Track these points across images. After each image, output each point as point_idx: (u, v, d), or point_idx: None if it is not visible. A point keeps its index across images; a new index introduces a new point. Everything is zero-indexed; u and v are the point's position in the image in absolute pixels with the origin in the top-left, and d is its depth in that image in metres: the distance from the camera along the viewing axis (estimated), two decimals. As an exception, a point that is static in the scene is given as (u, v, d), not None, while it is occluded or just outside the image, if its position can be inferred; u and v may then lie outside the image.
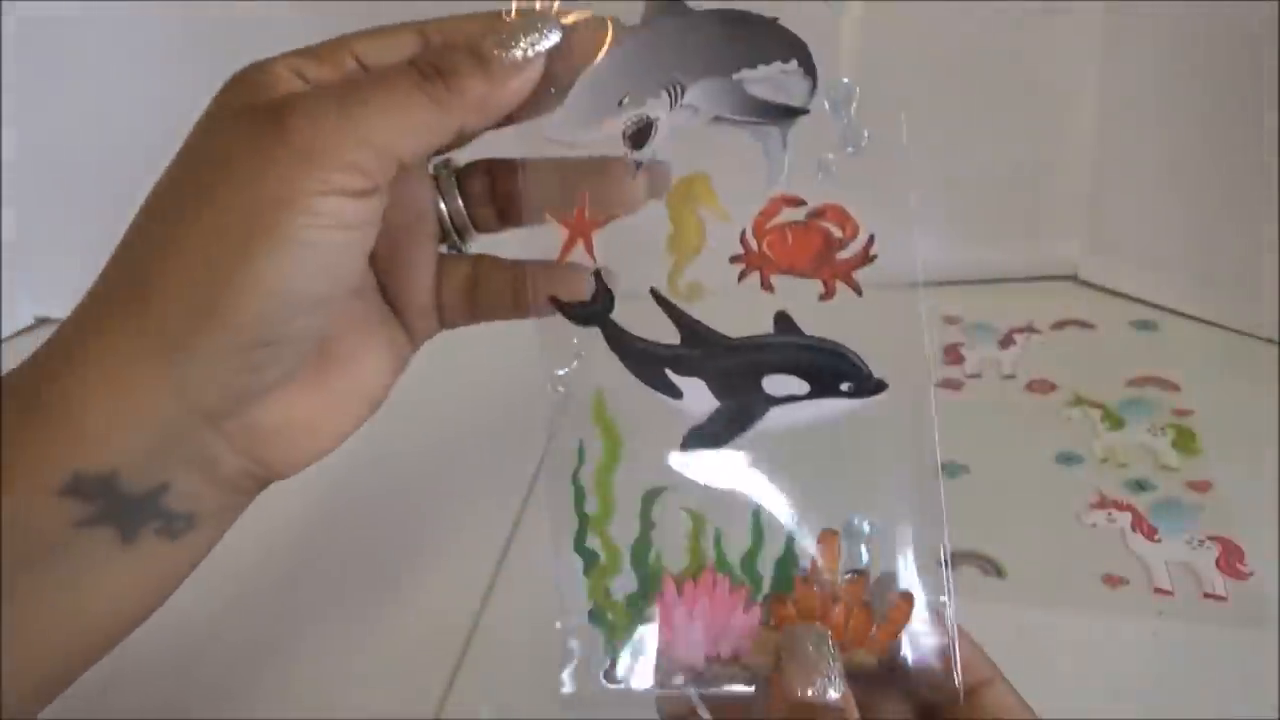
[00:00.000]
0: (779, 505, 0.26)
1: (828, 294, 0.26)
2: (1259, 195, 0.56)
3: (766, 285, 0.25)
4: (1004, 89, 0.61)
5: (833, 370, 0.26)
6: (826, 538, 0.26)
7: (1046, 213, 0.65)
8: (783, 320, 0.26)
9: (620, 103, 0.23)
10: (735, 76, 0.24)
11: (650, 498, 0.27)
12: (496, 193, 0.30)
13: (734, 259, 0.25)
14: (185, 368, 0.24)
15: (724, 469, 0.26)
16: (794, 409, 0.26)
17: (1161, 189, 0.61)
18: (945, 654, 0.26)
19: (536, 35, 0.24)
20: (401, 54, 0.26)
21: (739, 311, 0.26)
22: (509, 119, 0.25)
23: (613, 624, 0.27)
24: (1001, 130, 0.63)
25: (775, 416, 0.26)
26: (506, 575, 0.48)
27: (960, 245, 0.67)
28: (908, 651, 0.26)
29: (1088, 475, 0.50)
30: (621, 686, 0.26)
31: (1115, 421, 0.53)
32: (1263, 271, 0.57)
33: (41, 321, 0.76)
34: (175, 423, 0.25)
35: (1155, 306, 0.63)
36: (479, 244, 0.30)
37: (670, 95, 0.24)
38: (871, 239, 0.25)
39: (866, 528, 0.27)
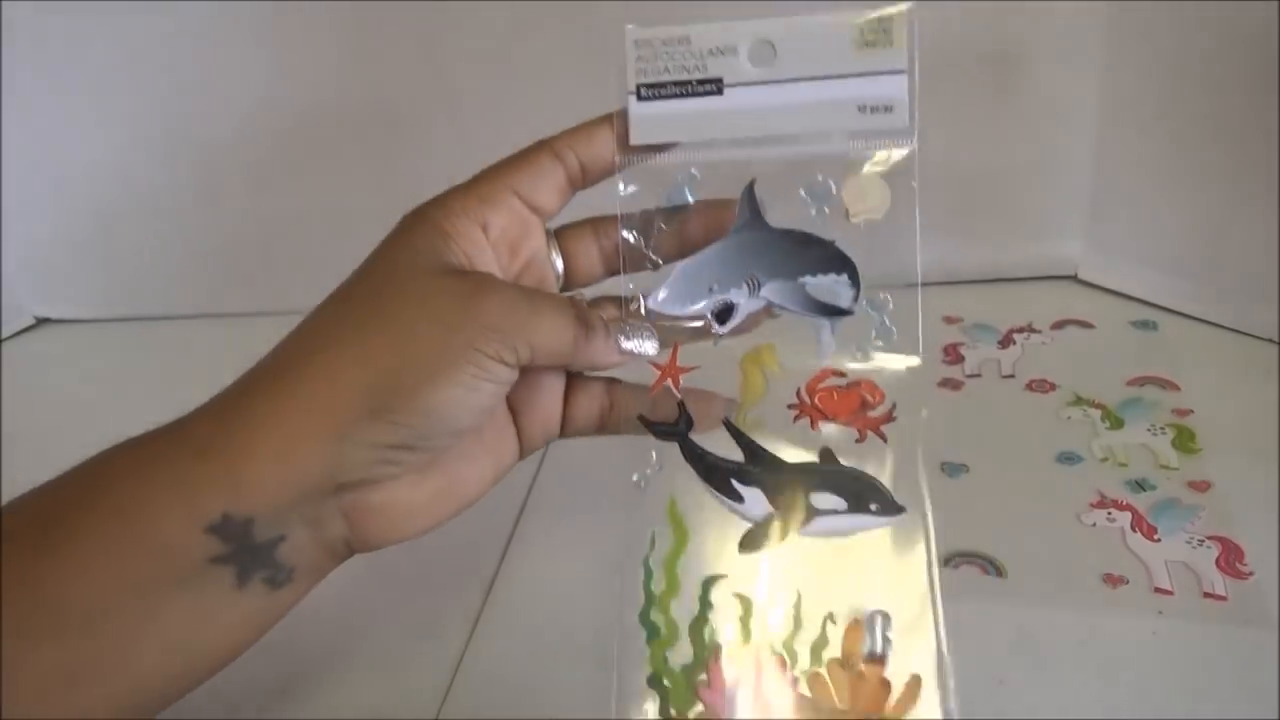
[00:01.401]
0: (815, 597, 0.32)
1: (861, 439, 0.33)
2: (1259, 195, 0.56)
3: (815, 427, 0.33)
4: (1004, 89, 0.61)
5: (867, 494, 0.32)
6: (853, 627, 0.32)
7: (1046, 213, 0.65)
8: (827, 453, 0.33)
9: (710, 289, 0.32)
10: (800, 280, 0.32)
11: (709, 583, 0.33)
12: (603, 247, 0.36)
13: (790, 406, 0.33)
14: (343, 448, 0.30)
15: (771, 565, 0.32)
16: (833, 520, 0.32)
17: (1161, 189, 0.61)
18: None
19: (642, 342, 0.33)
20: (551, 182, 0.33)
21: (789, 444, 0.33)
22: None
23: (669, 689, 0.32)
24: (1001, 130, 0.63)
25: (818, 524, 0.32)
26: (507, 575, 0.48)
27: (960, 245, 0.67)
28: None
29: (1088, 475, 0.50)
30: None
31: (1115, 421, 0.53)
32: (1263, 271, 0.57)
33: (41, 321, 0.76)
34: (313, 489, 0.30)
35: (1155, 306, 0.63)
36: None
37: (749, 287, 0.32)
38: (894, 405, 0.33)
39: (881, 621, 0.32)
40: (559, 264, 0.36)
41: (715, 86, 0.31)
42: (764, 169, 0.32)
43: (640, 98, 0.31)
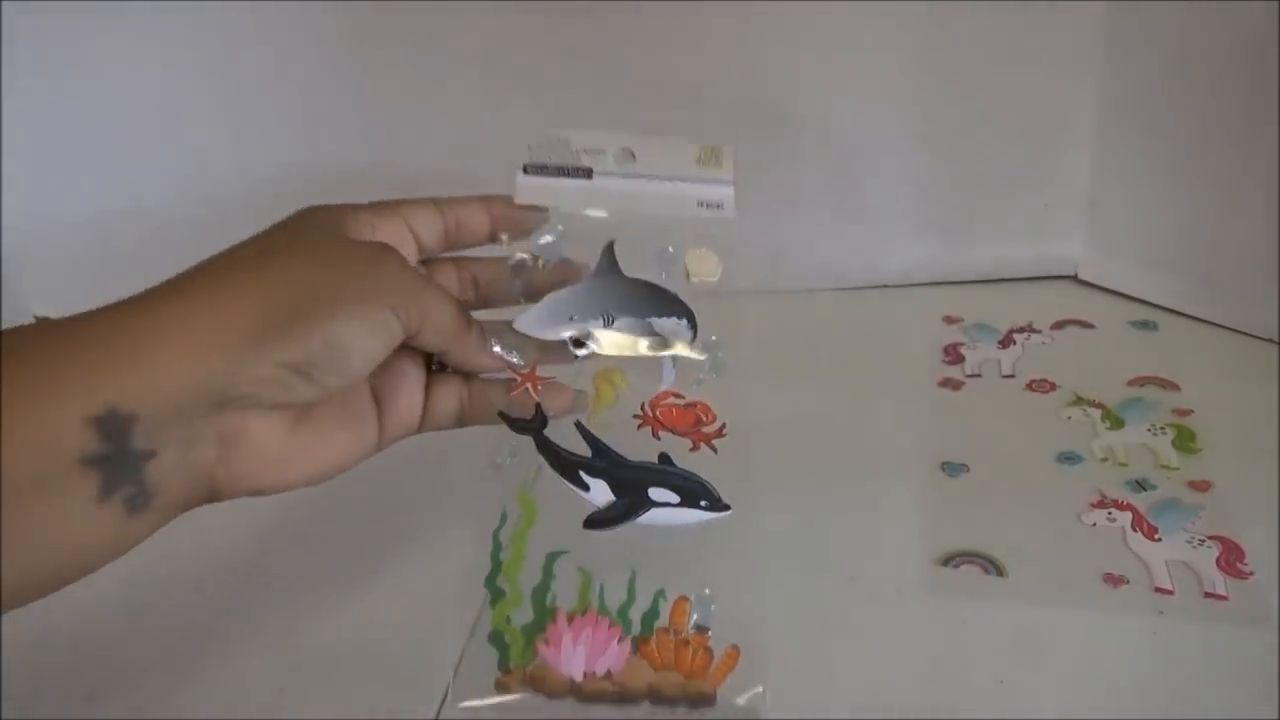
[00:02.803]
0: (647, 575, 0.38)
1: (695, 448, 0.39)
2: (1259, 195, 0.56)
3: (656, 436, 0.39)
4: (1004, 89, 0.61)
5: (698, 492, 0.38)
6: (679, 602, 0.38)
7: (1046, 213, 0.65)
8: (664, 457, 0.38)
9: (570, 318, 0.38)
10: (647, 320, 0.38)
11: (553, 557, 0.38)
12: (460, 278, 0.40)
13: (635, 416, 0.39)
14: (242, 356, 0.30)
15: (612, 544, 0.37)
16: (668, 512, 0.37)
17: (1161, 189, 0.61)
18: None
19: (511, 351, 0.38)
20: (432, 225, 0.38)
21: (633, 448, 0.38)
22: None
23: (508, 645, 0.37)
24: (1002, 130, 0.63)
25: (654, 514, 0.37)
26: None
27: (960, 245, 0.67)
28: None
29: (1088, 475, 0.50)
30: (507, 698, 0.37)
31: (1115, 421, 0.53)
32: (1263, 271, 0.57)
33: (42, 321, 0.76)
34: (203, 396, 0.30)
35: (1155, 306, 0.63)
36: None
37: (604, 320, 0.38)
38: (724, 425, 0.39)
39: (707, 600, 0.38)
40: None
41: (586, 174, 0.39)
42: (623, 235, 0.39)
43: (526, 172, 0.39)
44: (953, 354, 0.61)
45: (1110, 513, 0.47)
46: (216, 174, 0.69)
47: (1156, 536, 0.46)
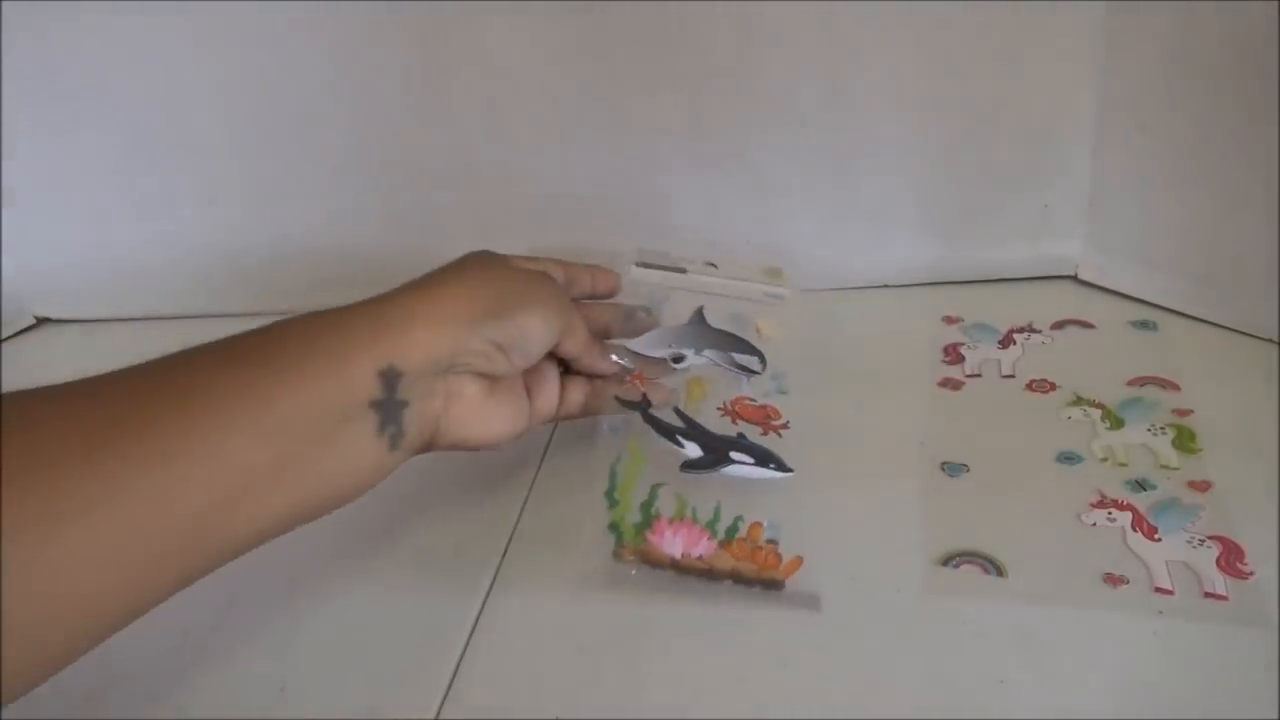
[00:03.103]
0: (729, 506, 0.49)
1: (765, 433, 0.52)
2: (1259, 195, 0.56)
3: (734, 423, 0.53)
4: (1004, 89, 0.61)
5: (766, 457, 0.49)
6: (754, 525, 0.48)
7: (1046, 213, 0.65)
8: (741, 435, 0.51)
9: (669, 345, 0.53)
10: (730, 354, 0.54)
11: (656, 487, 0.50)
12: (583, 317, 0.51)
13: (718, 409, 0.54)
14: (468, 334, 0.42)
15: (700, 484, 0.49)
16: (744, 468, 0.49)
17: (1161, 189, 0.61)
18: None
19: (622, 360, 0.52)
20: (557, 273, 0.50)
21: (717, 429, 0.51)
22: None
23: (622, 532, 0.48)
24: (1002, 130, 0.63)
25: (733, 469, 0.49)
26: (507, 575, 0.48)
27: (960, 245, 0.67)
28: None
29: (1088, 475, 0.50)
30: (622, 564, 0.47)
31: (1115, 421, 0.54)
32: (1263, 271, 0.57)
33: (42, 321, 0.76)
34: (443, 359, 0.41)
35: (1155, 306, 0.63)
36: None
37: (695, 349, 0.54)
38: (787, 422, 0.53)
39: (774, 520, 0.48)
40: None
41: (681, 270, 0.56)
42: (711, 305, 0.56)
43: (637, 265, 0.55)
44: (953, 354, 0.61)
45: (1110, 513, 0.47)
46: (217, 174, 0.69)
47: (1156, 536, 0.46)
